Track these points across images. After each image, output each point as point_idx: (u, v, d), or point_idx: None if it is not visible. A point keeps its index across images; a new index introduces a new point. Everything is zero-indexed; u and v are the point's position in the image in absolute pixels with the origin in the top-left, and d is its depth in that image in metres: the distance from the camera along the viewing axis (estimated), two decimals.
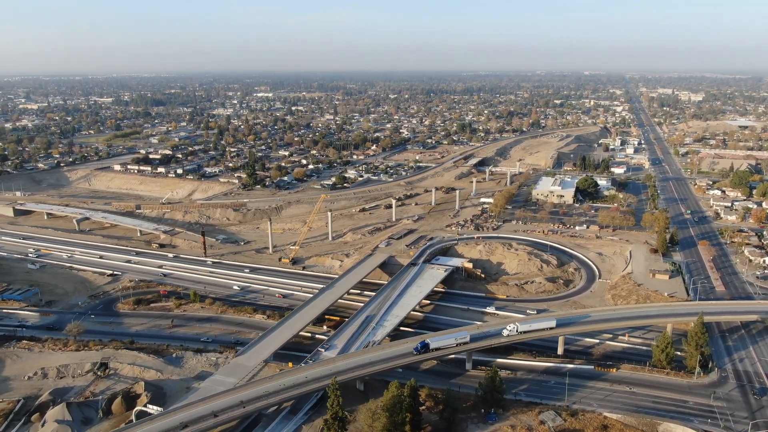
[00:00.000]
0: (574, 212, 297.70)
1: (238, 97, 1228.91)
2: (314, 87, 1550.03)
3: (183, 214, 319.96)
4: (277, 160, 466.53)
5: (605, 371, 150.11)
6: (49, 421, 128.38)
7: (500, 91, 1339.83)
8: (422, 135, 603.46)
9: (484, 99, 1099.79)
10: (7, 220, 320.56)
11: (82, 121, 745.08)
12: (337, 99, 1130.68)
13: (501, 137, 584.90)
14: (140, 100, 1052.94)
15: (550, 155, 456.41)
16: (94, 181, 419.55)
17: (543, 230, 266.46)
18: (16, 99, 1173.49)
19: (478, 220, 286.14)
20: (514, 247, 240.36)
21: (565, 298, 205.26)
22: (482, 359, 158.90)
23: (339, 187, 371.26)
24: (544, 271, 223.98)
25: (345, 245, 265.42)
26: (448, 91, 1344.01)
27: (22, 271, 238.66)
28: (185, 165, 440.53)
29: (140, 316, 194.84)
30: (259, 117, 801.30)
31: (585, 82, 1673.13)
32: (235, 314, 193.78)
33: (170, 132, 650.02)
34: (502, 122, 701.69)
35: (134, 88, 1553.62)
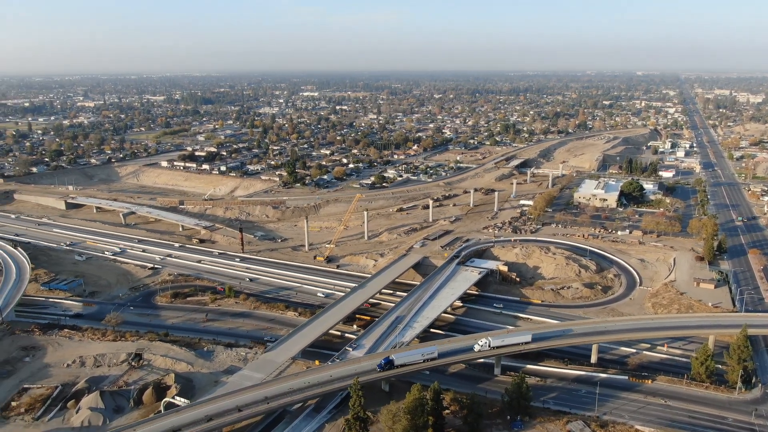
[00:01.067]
0: (616, 217, 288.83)
1: (284, 96, 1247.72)
2: (359, 86, 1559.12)
3: (224, 211, 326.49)
4: (319, 158, 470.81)
5: (640, 382, 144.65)
6: (84, 408, 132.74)
7: (547, 91, 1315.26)
8: (464, 135, 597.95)
9: (530, 99, 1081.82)
10: (59, 213, 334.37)
11: (134, 119, 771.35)
12: (382, 98, 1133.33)
13: (545, 138, 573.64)
14: (190, 99, 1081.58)
15: (595, 157, 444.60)
16: (142, 176, 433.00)
17: (583, 234, 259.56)
18: (75, 97, 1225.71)
19: (516, 222, 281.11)
20: (552, 251, 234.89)
21: (603, 305, 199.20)
22: (512, 365, 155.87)
23: (378, 186, 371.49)
24: (582, 277, 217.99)
25: (380, 245, 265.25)
26: (494, 91, 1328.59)
27: (70, 262, 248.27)
28: (229, 162, 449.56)
29: (176, 309, 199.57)
30: (304, 116, 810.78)
31: (637, 83, 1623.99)
32: (268, 310, 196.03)
33: (217, 130, 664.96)
34: (547, 123, 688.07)
35: (186, 86, 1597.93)
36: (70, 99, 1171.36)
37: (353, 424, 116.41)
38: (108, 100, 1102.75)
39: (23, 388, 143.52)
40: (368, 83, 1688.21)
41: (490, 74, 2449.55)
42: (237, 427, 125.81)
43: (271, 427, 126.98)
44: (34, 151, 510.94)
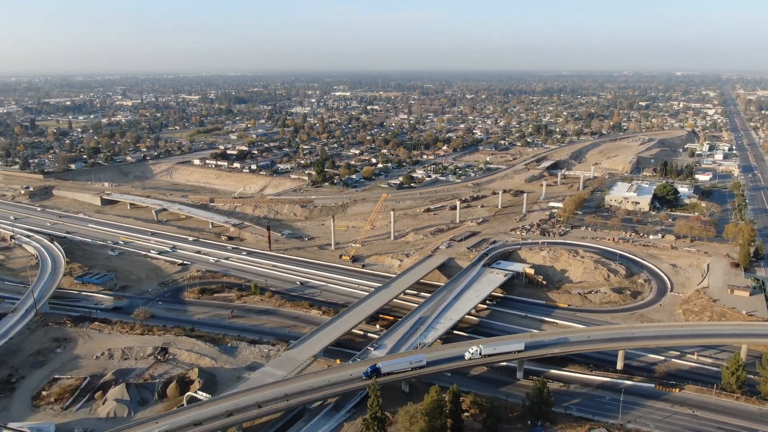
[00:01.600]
0: (649, 220, 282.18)
1: (316, 96, 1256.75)
2: (391, 86, 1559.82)
3: (253, 209, 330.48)
4: (348, 158, 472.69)
5: (667, 391, 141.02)
6: (110, 400, 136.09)
7: (582, 92, 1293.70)
8: (495, 136, 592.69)
9: (564, 100, 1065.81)
10: (94, 209, 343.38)
11: (169, 118, 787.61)
12: (413, 98, 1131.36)
13: (578, 140, 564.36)
14: (224, 98, 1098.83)
15: (629, 160, 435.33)
16: (175, 174, 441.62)
17: (613, 238, 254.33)
18: (114, 96, 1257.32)
19: (544, 225, 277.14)
20: (580, 255, 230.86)
21: (632, 310, 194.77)
22: (535, 369, 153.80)
23: (406, 186, 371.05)
24: (611, 281, 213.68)
25: (406, 245, 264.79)
26: (527, 91, 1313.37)
27: (103, 257, 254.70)
28: (259, 161, 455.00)
29: (203, 305, 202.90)
30: (335, 115, 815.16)
31: (675, 83, 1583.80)
32: (292, 308, 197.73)
33: (249, 129, 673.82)
34: (580, 124, 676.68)
35: (220, 86, 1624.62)
36: (110, 98, 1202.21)
37: (371, 424, 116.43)
38: (145, 99, 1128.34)
39: (54, 378, 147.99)
40: (400, 83, 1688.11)
41: (523, 74, 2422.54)
42: (257, 423, 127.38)
43: (290, 425, 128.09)
44: (74, 148, 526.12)
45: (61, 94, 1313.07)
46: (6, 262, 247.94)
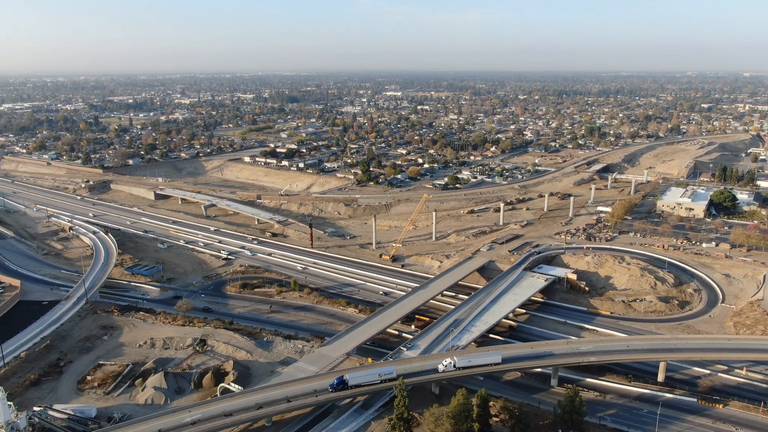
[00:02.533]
0: (702, 228, 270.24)
1: (367, 95, 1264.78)
2: (443, 86, 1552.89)
3: (298, 206, 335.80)
4: (395, 158, 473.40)
5: (710, 406, 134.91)
6: (149, 387, 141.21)
7: (641, 93, 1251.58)
8: (546, 138, 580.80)
9: (620, 101, 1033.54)
10: (148, 203, 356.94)
11: (224, 116, 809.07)
12: (464, 99, 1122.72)
13: (632, 143, 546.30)
14: (277, 97, 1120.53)
15: (685, 164, 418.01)
16: (226, 171, 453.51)
17: (663, 245, 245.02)
18: (173, 94, 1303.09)
19: (591, 229, 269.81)
20: (627, 261, 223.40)
21: (678, 320, 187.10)
22: (571, 377, 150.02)
23: (451, 187, 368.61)
24: (658, 290, 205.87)
25: (447, 246, 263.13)
26: (582, 92, 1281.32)
27: (153, 249, 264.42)
28: (307, 159, 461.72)
29: (244, 299, 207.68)
30: (384, 115, 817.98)
31: (742, 85, 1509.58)
32: (330, 305, 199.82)
33: (299, 128, 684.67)
34: (636, 127, 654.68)
35: (275, 85, 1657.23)
36: (169, 96, 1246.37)
37: (397, 423, 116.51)
38: (202, 98, 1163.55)
39: (99, 363, 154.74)
40: (452, 83, 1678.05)
41: (579, 75, 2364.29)
42: (286, 417, 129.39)
43: (318, 420, 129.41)
44: (132, 144, 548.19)
45: (125, 92, 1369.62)
46: (64, 252, 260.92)
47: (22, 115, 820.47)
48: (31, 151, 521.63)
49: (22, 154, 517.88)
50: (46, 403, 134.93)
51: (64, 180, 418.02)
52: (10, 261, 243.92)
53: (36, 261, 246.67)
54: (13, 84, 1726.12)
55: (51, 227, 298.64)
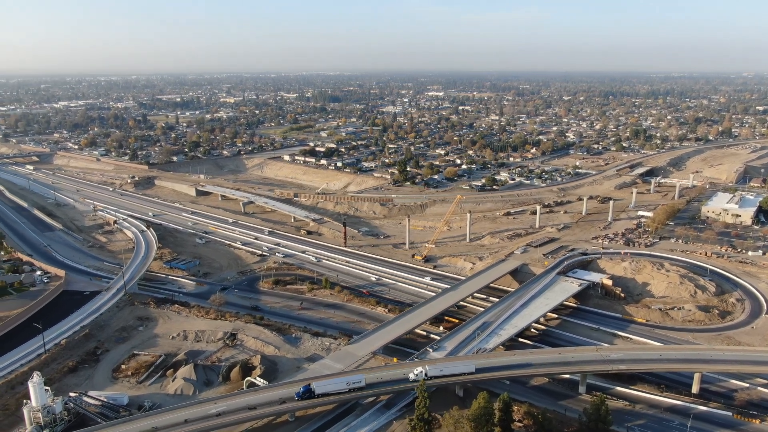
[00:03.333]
0: (749, 235, 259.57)
1: (409, 95, 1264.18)
2: (486, 87, 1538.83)
3: (334, 205, 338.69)
4: (433, 158, 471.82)
5: (746, 421, 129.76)
6: (179, 378, 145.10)
7: (691, 94, 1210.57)
8: (588, 140, 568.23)
9: (669, 103, 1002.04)
10: (189, 199, 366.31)
11: (266, 114, 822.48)
12: (507, 99, 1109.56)
13: (679, 146, 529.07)
14: (319, 97, 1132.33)
15: (735, 169, 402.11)
16: (266, 169, 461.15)
17: (706, 252, 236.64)
18: (219, 93, 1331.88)
19: (630, 234, 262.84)
20: (666, 268, 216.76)
21: (718, 331, 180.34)
22: (600, 385, 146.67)
23: (488, 188, 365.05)
24: (698, 298, 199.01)
25: (481, 248, 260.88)
26: (630, 93, 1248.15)
27: (191, 244, 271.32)
28: (345, 158, 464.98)
29: (276, 295, 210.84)
30: (425, 115, 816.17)
31: None
32: (359, 304, 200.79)
33: (339, 127, 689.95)
34: (685, 129, 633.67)
35: (318, 85, 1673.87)
36: (215, 95, 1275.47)
37: (417, 424, 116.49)
38: (246, 97, 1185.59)
39: (133, 353, 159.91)
40: (495, 84, 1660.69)
41: (627, 75, 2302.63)
42: (309, 413, 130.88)
43: (341, 417, 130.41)
44: (177, 142, 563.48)
45: (173, 91, 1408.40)
46: (107, 245, 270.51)
47: (76, 112, 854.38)
48: (83, 147, 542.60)
49: (74, 150, 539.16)
50: (82, 389, 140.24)
51: (111, 175, 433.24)
52: (57, 252, 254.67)
53: (81, 253, 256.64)
54: (70, 83, 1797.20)
55: (97, 221, 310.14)
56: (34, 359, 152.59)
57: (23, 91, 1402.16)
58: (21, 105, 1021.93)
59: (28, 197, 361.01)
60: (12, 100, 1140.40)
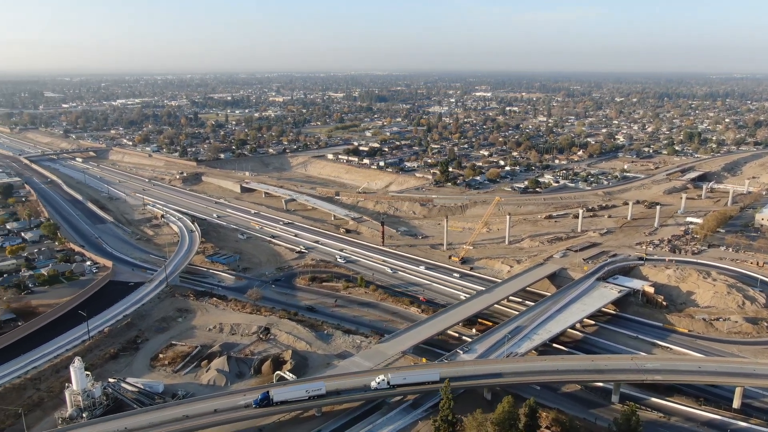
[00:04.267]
0: None
1: (456, 95, 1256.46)
2: (535, 87, 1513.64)
3: (374, 204, 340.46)
4: (477, 159, 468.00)
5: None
6: (212, 369, 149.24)
7: (754, 96, 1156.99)
8: (639, 143, 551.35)
9: (729, 105, 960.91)
10: (234, 196, 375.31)
11: (313, 113, 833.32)
12: (556, 101, 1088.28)
13: (736, 150, 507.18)
14: (366, 96, 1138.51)
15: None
16: (309, 167, 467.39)
17: (758, 261, 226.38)
18: (269, 92, 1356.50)
19: (677, 241, 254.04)
20: (713, 277, 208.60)
21: (766, 344, 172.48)
22: (635, 395, 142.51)
23: (530, 191, 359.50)
24: (746, 309, 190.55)
25: (519, 251, 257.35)
26: (686, 95, 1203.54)
27: (233, 239, 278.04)
28: (388, 158, 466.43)
29: (312, 292, 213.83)
30: (471, 116, 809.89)
31: None
32: (393, 303, 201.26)
33: (384, 127, 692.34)
34: (744, 133, 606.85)
35: (366, 84, 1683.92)
36: (265, 94, 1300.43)
37: (441, 426, 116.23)
38: (295, 96, 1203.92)
39: (171, 343, 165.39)
40: (545, 84, 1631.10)
41: (685, 76, 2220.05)
42: (336, 409, 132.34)
43: (367, 415, 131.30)
44: (225, 139, 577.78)
45: (225, 90, 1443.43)
46: (154, 238, 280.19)
47: (132, 110, 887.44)
48: (136, 143, 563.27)
49: (129, 146, 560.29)
50: (122, 376, 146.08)
51: (161, 171, 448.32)
52: (107, 244, 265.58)
53: (129, 245, 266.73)
54: (128, 81, 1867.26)
55: (146, 214, 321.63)
56: (79, 345, 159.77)
57: (85, 89, 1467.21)
58: (82, 102, 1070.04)
59: (83, 190, 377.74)
60: (75, 97, 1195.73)
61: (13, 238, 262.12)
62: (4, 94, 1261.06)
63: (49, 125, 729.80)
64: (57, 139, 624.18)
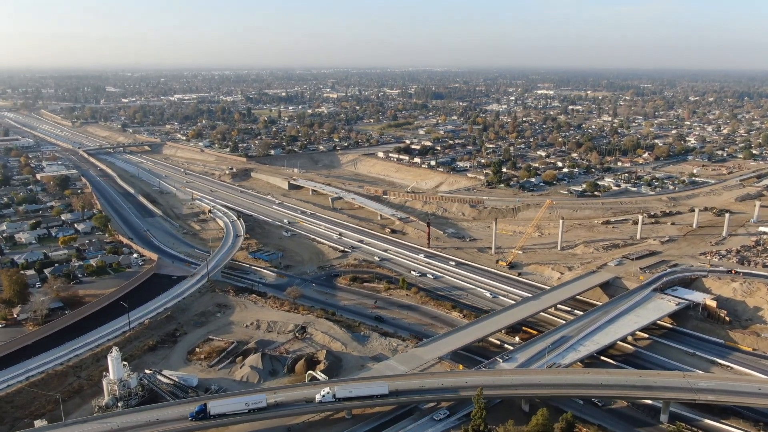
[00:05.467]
0: None
1: (517, 93, 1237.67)
2: (602, 85, 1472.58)
3: (422, 204, 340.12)
4: (533, 160, 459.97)
5: None
6: (246, 365, 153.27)
7: None
8: (712, 145, 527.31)
9: None
10: (282, 192, 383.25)
11: (366, 110, 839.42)
12: (624, 99, 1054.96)
13: None
14: (422, 93, 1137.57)
15: None
16: (359, 165, 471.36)
17: None
18: (324, 88, 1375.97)
19: (747, 252, 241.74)
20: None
21: None
22: (686, 415, 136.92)
23: (588, 194, 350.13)
24: None
25: (572, 257, 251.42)
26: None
27: (277, 236, 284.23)
28: (440, 157, 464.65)
29: (352, 292, 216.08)
30: (531, 114, 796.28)
31: None
32: (434, 307, 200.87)
33: (438, 125, 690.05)
34: None
35: (423, 81, 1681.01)
36: (319, 90, 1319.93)
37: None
38: (349, 93, 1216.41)
39: (208, 338, 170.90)
40: (613, 82, 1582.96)
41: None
42: (367, 412, 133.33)
43: (398, 420, 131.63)
44: (277, 136, 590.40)
45: (280, 85, 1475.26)
46: (200, 233, 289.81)
47: (188, 105, 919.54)
48: (189, 138, 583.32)
49: (182, 140, 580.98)
50: (158, 368, 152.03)
51: (212, 166, 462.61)
52: (154, 237, 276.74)
53: (175, 239, 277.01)
54: (186, 77, 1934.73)
55: (194, 209, 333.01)
56: (120, 336, 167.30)
57: (144, 84, 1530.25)
58: (141, 97, 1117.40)
59: (136, 184, 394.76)
60: (134, 92, 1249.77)
61: (66, 229, 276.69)
62: (69, 88, 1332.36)
63: (108, 119, 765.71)
64: (115, 133, 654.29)
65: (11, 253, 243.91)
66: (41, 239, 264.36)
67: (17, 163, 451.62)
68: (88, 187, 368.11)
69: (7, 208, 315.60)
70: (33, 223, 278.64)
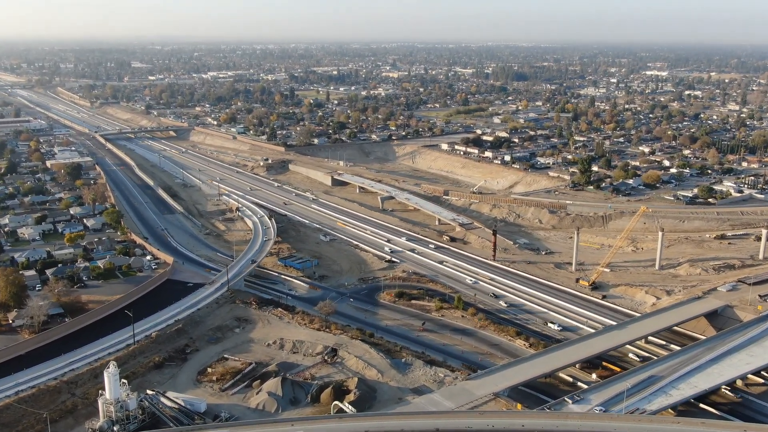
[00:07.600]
0: None
1: (620, 74, 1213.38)
2: (731, 66, 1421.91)
3: (490, 208, 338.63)
4: (633, 157, 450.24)
5: None
6: (263, 391, 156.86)
7: None
8: None
9: None
10: (324, 189, 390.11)
11: (432, 93, 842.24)
12: (758, 84, 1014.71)
13: None
14: (501, 73, 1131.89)
15: None
16: (418, 158, 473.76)
17: None
18: (383, 66, 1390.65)
19: None
20: None
21: None
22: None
23: (700, 201, 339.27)
24: None
25: (673, 279, 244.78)
26: None
27: (313, 241, 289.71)
28: (517, 152, 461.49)
29: (396, 310, 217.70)
30: (635, 101, 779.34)
31: None
32: (495, 333, 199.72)
33: (518, 112, 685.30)
34: None
35: (504, 58, 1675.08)
36: (378, 68, 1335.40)
37: None
38: (413, 71, 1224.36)
39: (223, 357, 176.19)
40: (745, 62, 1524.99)
41: None
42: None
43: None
44: (322, 122, 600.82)
45: (332, 62, 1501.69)
46: (225, 234, 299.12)
47: (222, 84, 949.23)
48: (221, 123, 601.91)
49: (212, 125, 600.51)
50: (163, 388, 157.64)
51: (245, 156, 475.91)
52: (172, 237, 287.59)
53: (196, 240, 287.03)
54: (224, 51, 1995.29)
55: (219, 206, 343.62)
56: (123, 349, 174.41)
57: (175, 59, 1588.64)
58: (170, 74, 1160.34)
59: (156, 175, 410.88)
60: (162, 69, 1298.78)
61: (74, 225, 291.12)
62: (91, 63, 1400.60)
63: (131, 99, 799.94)
64: (137, 116, 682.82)
65: (12, 250, 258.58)
66: (46, 235, 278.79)
67: (27, 148, 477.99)
68: (102, 178, 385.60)
69: (11, 198, 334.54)
70: (38, 216, 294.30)
